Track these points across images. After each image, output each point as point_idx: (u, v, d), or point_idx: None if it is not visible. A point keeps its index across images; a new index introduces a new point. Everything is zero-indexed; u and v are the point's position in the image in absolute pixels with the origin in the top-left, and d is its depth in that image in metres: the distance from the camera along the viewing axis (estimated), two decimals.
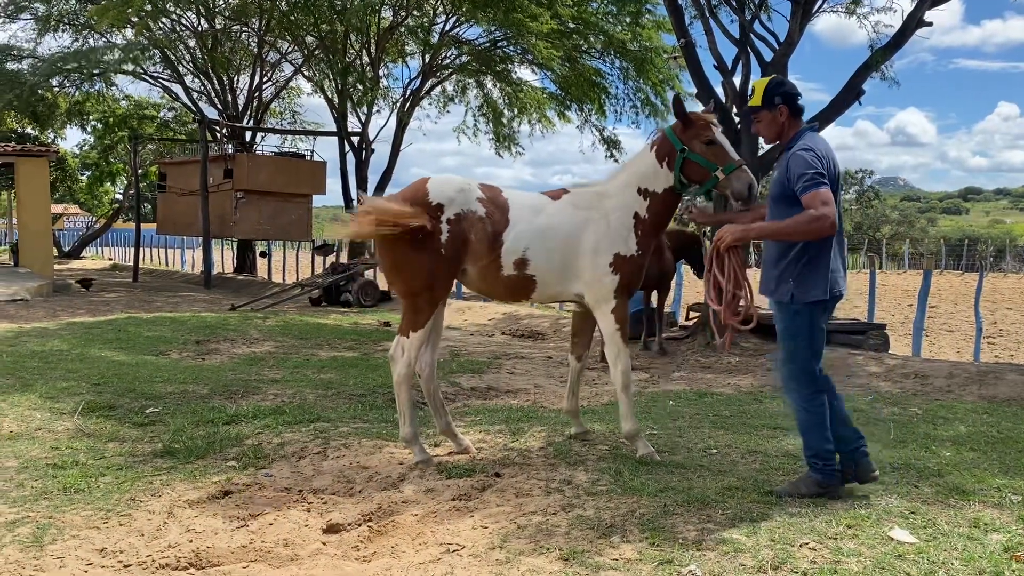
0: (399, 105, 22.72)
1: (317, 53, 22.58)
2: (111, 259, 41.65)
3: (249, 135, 26.27)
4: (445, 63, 22.86)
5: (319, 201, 25.21)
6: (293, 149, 27.15)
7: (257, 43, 24.76)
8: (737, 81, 11.73)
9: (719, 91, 11.73)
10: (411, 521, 3.86)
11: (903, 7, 11.65)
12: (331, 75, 22.04)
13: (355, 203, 5.50)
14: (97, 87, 27.06)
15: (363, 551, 3.62)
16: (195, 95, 26.83)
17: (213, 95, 26.25)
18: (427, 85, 22.71)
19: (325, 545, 3.71)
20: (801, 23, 11.29)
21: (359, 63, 21.79)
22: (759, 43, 11.70)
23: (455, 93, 24.51)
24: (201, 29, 24.47)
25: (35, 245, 20.46)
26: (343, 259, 20.46)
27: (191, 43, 25.09)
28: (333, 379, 7.91)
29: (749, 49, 11.71)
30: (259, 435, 5.48)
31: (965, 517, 3.82)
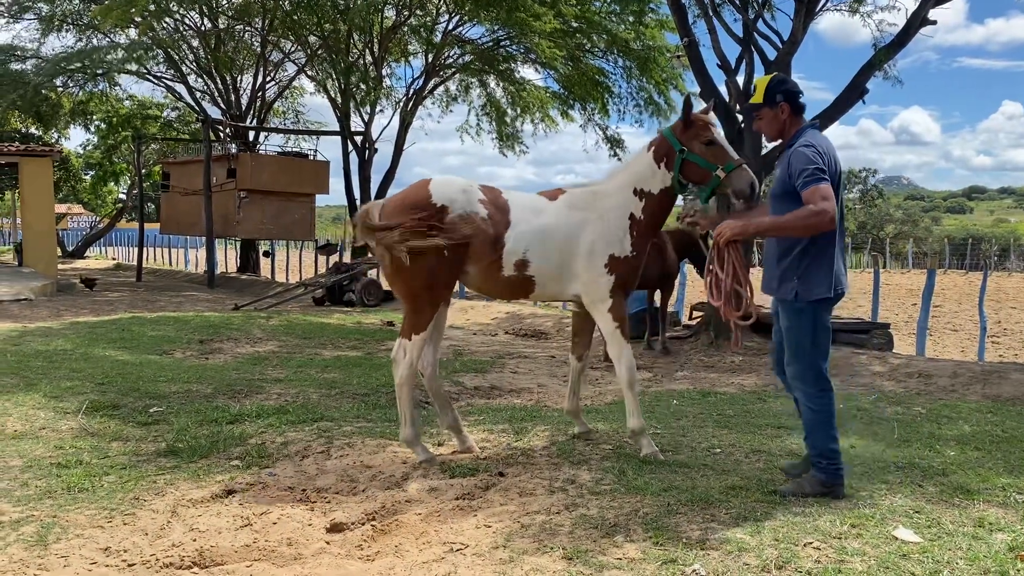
0: (402, 104, 22.72)
1: (320, 53, 22.58)
2: (115, 259, 41.72)
3: (252, 135, 26.31)
4: (448, 62, 22.85)
5: (322, 201, 25.27)
6: (296, 149, 27.21)
7: (260, 43, 24.77)
8: (740, 80, 11.71)
9: (722, 90, 11.71)
10: (415, 520, 3.86)
11: (907, 6, 11.68)
12: (334, 75, 22.04)
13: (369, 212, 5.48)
14: (101, 87, 27.10)
15: (367, 550, 3.62)
16: (198, 95, 26.87)
17: (216, 95, 26.29)
18: (430, 84, 22.71)
19: (329, 544, 3.71)
20: (805, 22, 11.27)
21: (362, 62, 21.80)
22: (763, 42, 11.68)
23: (458, 92, 24.51)
24: (204, 29, 24.51)
25: (39, 245, 20.50)
26: (346, 259, 20.47)
27: (194, 43, 25.13)
28: (336, 378, 7.92)
29: (752, 48, 11.69)
30: (263, 434, 5.49)
31: (970, 516, 3.81)
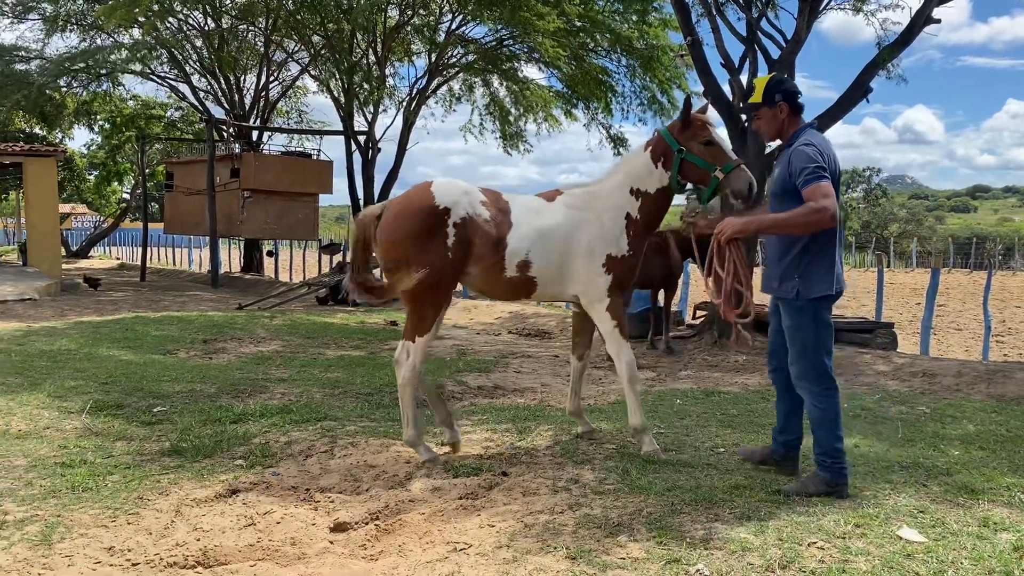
0: (405, 104, 22.71)
1: (323, 52, 22.59)
2: (119, 258, 41.80)
3: (256, 134, 26.34)
4: (451, 62, 22.85)
5: (326, 200, 25.27)
6: (300, 148, 27.23)
7: (263, 42, 24.79)
8: (744, 79, 11.67)
9: (726, 89, 11.70)
10: (418, 520, 3.86)
11: (910, 4, 11.69)
12: (337, 74, 22.03)
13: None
14: (104, 87, 27.14)
15: (370, 550, 3.63)
16: (202, 95, 26.90)
17: (220, 95, 26.32)
18: (433, 84, 22.70)
19: (332, 544, 3.71)
20: (808, 20, 11.25)
21: (365, 62, 21.81)
22: (766, 41, 11.66)
23: (461, 92, 24.49)
24: (208, 29, 24.52)
25: (43, 245, 20.53)
26: (349, 258, 20.47)
27: (198, 43, 25.15)
28: (340, 378, 7.92)
29: (756, 47, 11.67)
30: (266, 434, 5.49)
31: (974, 516, 3.80)
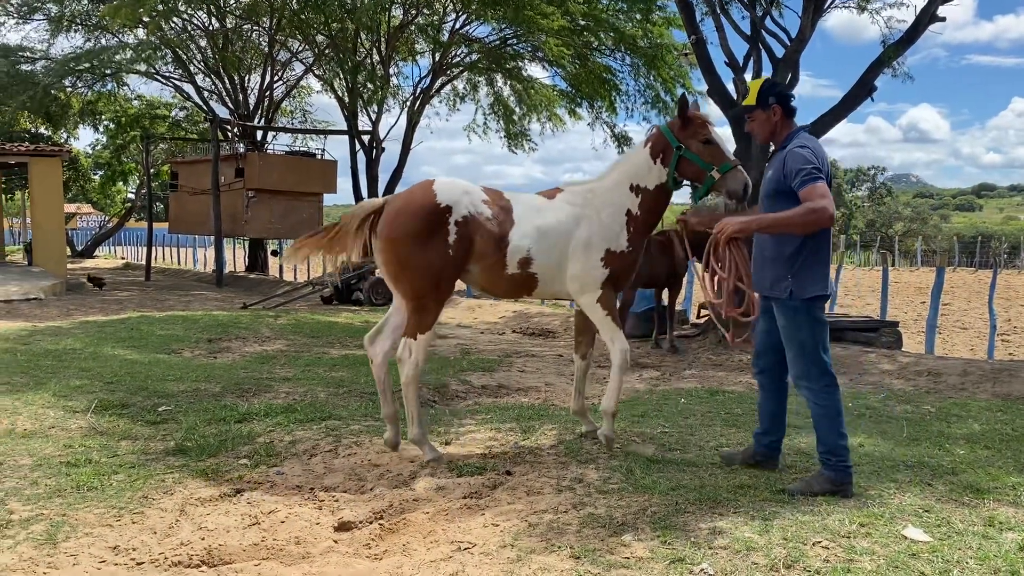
0: (409, 104, 22.72)
1: (327, 52, 22.60)
2: (124, 258, 41.91)
3: (260, 134, 26.38)
4: (455, 61, 22.85)
5: (330, 200, 25.30)
6: (304, 148, 27.26)
7: (268, 42, 24.83)
8: (748, 78, 11.67)
9: (730, 88, 11.69)
10: (422, 519, 3.87)
11: (915, 2, 11.59)
12: (341, 74, 22.05)
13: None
14: (109, 87, 27.22)
15: (374, 549, 3.63)
16: (206, 94, 26.96)
17: (224, 94, 26.37)
18: (437, 83, 22.72)
19: (336, 543, 3.71)
20: (813, 19, 11.23)
21: (369, 61, 21.83)
22: (770, 39, 11.65)
23: (465, 91, 24.50)
24: (212, 28, 24.56)
25: (48, 244, 20.60)
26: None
27: (202, 43, 25.20)
28: (344, 377, 7.93)
29: (760, 46, 11.66)
30: (271, 433, 5.50)
31: (980, 515, 3.79)
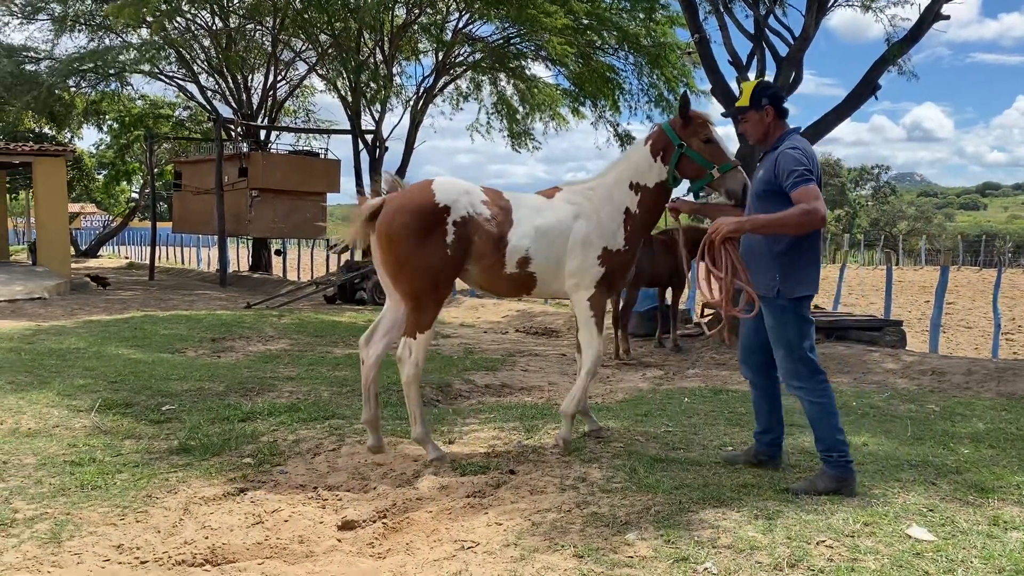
0: (412, 103, 22.75)
1: (331, 51, 22.63)
2: (127, 257, 41.99)
3: (263, 133, 26.40)
4: (458, 60, 22.86)
5: (333, 199, 25.30)
6: (307, 147, 27.28)
7: (271, 42, 24.86)
8: (752, 77, 11.66)
9: (734, 87, 11.67)
10: (426, 518, 3.87)
11: (919, 1, 11.57)
12: (345, 73, 22.08)
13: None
14: (113, 87, 27.30)
15: (378, 548, 3.63)
16: (210, 94, 26.99)
17: (228, 94, 26.39)
18: (440, 83, 22.73)
19: (340, 542, 3.72)
20: (816, 17, 11.22)
21: (372, 61, 21.83)
22: (774, 38, 11.66)
23: (469, 90, 24.53)
24: (216, 28, 24.60)
25: (52, 244, 20.63)
26: (357, 257, 20.50)
27: (206, 42, 25.24)
28: (348, 376, 7.93)
29: (764, 44, 11.65)
30: (274, 432, 5.50)
31: (984, 515, 3.78)
